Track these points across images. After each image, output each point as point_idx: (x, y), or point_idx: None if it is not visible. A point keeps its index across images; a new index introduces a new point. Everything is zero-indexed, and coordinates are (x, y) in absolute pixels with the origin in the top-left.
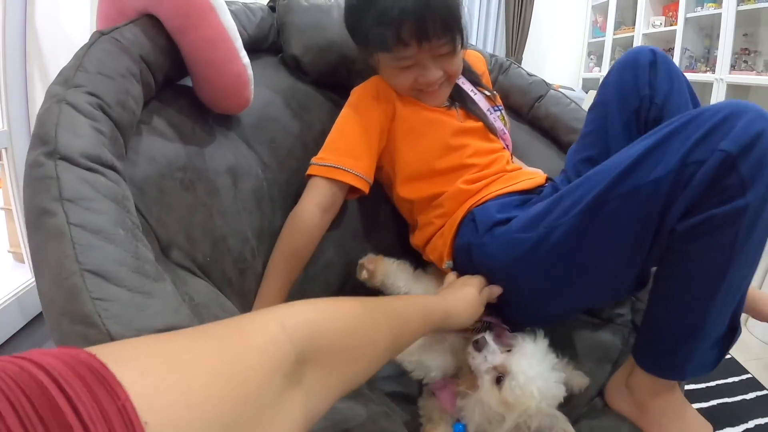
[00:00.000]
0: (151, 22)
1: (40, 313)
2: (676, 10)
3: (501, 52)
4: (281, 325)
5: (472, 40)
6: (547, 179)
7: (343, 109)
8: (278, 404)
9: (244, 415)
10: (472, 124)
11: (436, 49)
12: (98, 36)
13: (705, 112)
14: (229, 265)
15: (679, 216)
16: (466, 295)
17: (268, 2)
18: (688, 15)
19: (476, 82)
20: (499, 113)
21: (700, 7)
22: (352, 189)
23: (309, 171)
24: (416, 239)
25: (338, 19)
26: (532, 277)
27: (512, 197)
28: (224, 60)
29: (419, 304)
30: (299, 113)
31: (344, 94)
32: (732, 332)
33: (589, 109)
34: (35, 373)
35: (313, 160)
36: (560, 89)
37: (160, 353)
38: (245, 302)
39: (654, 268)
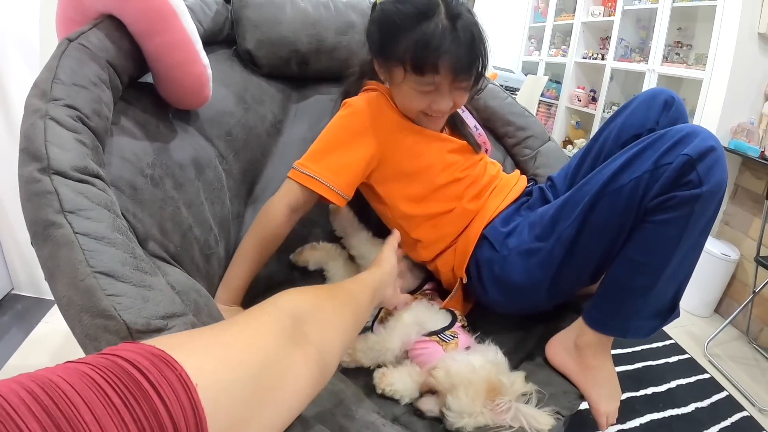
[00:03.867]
0: (115, 24)
1: None
2: (615, 2)
3: None
4: (274, 306)
5: None
6: (528, 179)
7: (335, 119)
8: (290, 356)
9: (265, 369)
10: (458, 141)
11: (459, 83)
12: (67, 44)
13: (671, 130)
14: (197, 253)
15: (651, 199)
16: (385, 264)
17: None
18: (626, 7)
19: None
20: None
21: (637, 1)
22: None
23: (290, 174)
24: (422, 255)
25: (291, 15)
26: (548, 276)
27: (509, 208)
28: (186, 62)
29: (362, 282)
30: (253, 106)
31: (294, 86)
32: (671, 310)
33: (600, 128)
34: (118, 361)
35: (296, 164)
36: (500, 71)
37: (201, 339)
38: (210, 285)
39: None
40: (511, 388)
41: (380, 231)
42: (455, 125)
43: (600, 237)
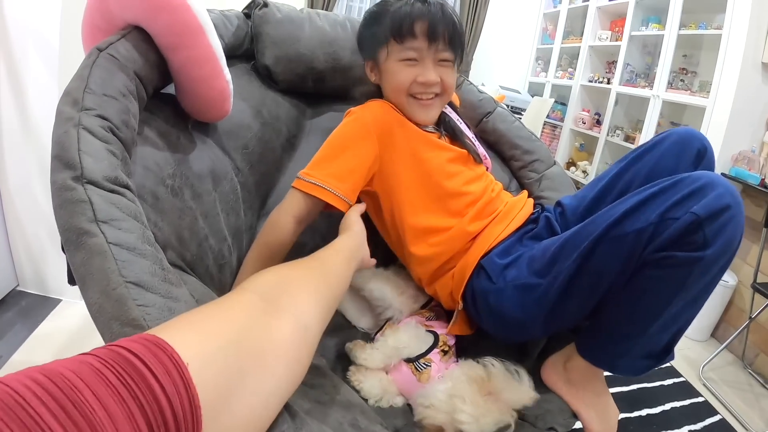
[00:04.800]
0: (142, 36)
1: None
2: (623, 27)
3: None
4: (242, 288)
5: None
6: (535, 204)
7: (338, 128)
8: (266, 325)
9: (242, 337)
10: (458, 150)
11: (440, 53)
12: (97, 53)
13: (686, 178)
14: (211, 262)
15: (651, 252)
16: (353, 226)
17: (243, 9)
18: (633, 33)
19: (459, 114)
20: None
21: (644, 27)
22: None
23: (294, 184)
24: (419, 273)
25: (309, 33)
26: (543, 312)
27: (510, 238)
28: (210, 77)
29: (331, 248)
30: (269, 121)
31: (309, 102)
32: (665, 352)
33: (624, 158)
34: (116, 349)
35: (300, 173)
36: (507, 90)
37: (183, 319)
38: (222, 294)
39: None
40: (496, 372)
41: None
42: (454, 135)
43: (598, 280)
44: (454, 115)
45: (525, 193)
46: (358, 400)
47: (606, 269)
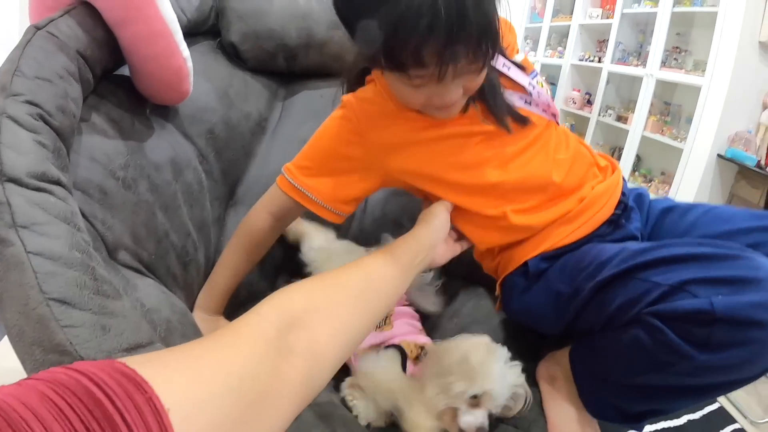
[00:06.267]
0: (88, 11)
1: None
2: (614, 4)
3: None
4: (257, 314)
5: None
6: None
7: (329, 120)
8: (273, 370)
9: (247, 383)
10: (487, 128)
11: (462, 68)
12: (33, 32)
13: (744, 259)
14: (173, 261)
15: (648, 312)
16: (433, 220)
17: None
18: (625, 10)
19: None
20: (537, 78)
21: (636, 4)
22: None
23: (278, 180)
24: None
25: (279, 7)
26: (563, 319)
27: (574, 244)
28: (164, 54)
29: (391, 255)
30: (236, 103)
31: (281, 82)
32: (636, 419)
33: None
34: (83, 380)
35: (285, 170)
36: None
37: (173, 354)
38: (189, 294)
39: None
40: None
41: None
42: (486, 98)
43: (601, 310)
44: (499, 61)
45: (617, 174)
46: (340, 411)
47: (609, 304)
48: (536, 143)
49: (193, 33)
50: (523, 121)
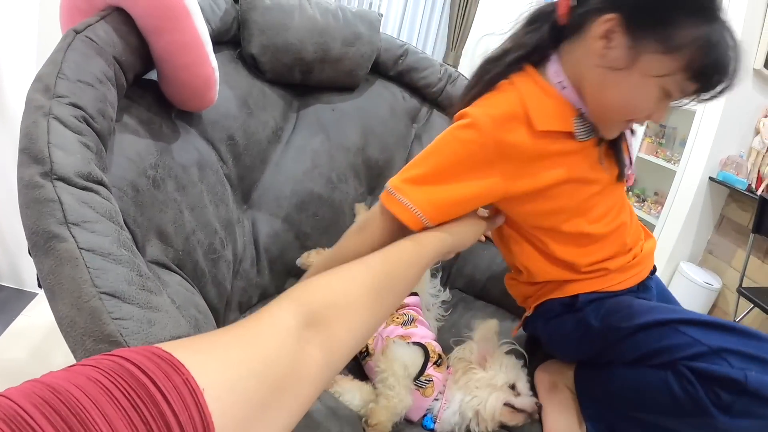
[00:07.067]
0: (123, 18)
1: None
2: None
3: (442, 45)
4: (279, 307)
5: (415, 32)
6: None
7: (450, 137)
8: (294, 358)
9: (270, 369)
10: (610, 169)
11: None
12: (74, 35)
13: None
14: (201, 257)
15: (684, 365)
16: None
17: None
18: None
19: None
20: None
21: None
22: None
23: (384, 199)
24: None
25: (298, 21)
26: (588, 352)
27: (614, 293)
28: (195, 64)
29: (408, 251)
30: (255, 112)
31: (296, 94)
32: None
33: None
34: (126, 365)
35: (391, 186)
36: None
37: (205, 341)
38: (221, 290)
39: None
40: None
41: None
42: (616, 144)
43: (634, 349)
44: None
45: (654, 239)
46: (346, 411)
47: (646, 345)
48: (624, 200)
49: (215, 42)
50: (624, 177)
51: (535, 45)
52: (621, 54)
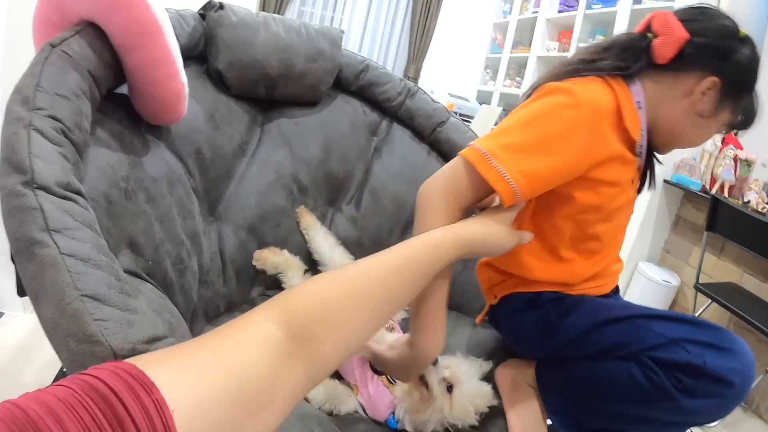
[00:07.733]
0: (97, 33)
1: None
2: (570, 38)
3: (403, 57)
4: (265, 315)
5: (376, 44)
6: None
7: (551, 107)
8: (275, 375)
9: (247, 387)
10: (634, 190)
11: None
12: (50, 49)
13: (728, 335)
14: (169, 267)
15: (647, 356)
16: (494, 224)
17: (199, 10)
18: (581, 44)
19: None
20: None
21: (592, 39)
22: None
23: (466, 153)
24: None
25: (263, 38)
26: (547, 347)
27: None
28: (166, 79)
29: (417, 259)
30: (221, 126)
31: (260, 109)
32: None
33: None
34: (96, 384)
35: (482, 146)
36: (456, 98)
37: (181, 355)
38: (188, 300)
39: None
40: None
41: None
42: (649, 167)
43: (597, 346)
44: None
45: (622, 264)
46: (315, 411)
47: (608, 340)
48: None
49: (183, 57)
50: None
51: (632, 69)
52: (710, 107)
